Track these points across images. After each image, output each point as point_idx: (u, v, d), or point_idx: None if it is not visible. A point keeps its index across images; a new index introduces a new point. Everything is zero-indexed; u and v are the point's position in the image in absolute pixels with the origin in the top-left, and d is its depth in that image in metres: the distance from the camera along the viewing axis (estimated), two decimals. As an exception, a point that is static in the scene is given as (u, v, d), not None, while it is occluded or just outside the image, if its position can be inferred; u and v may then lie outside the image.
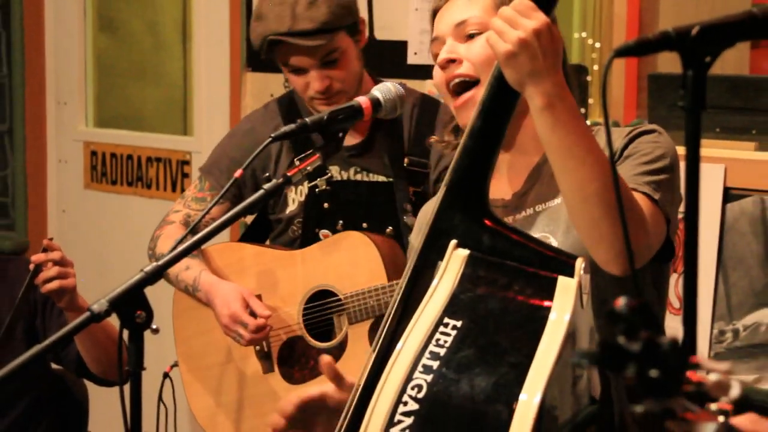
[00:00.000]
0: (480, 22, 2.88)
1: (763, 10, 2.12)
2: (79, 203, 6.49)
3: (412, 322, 2.44)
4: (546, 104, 2.53)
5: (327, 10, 3.76)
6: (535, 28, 2.50)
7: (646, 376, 1.54)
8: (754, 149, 4.32)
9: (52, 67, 6.61)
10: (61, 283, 4.00)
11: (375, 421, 2.33)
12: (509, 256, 2.58)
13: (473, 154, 2.64)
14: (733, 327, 4.06)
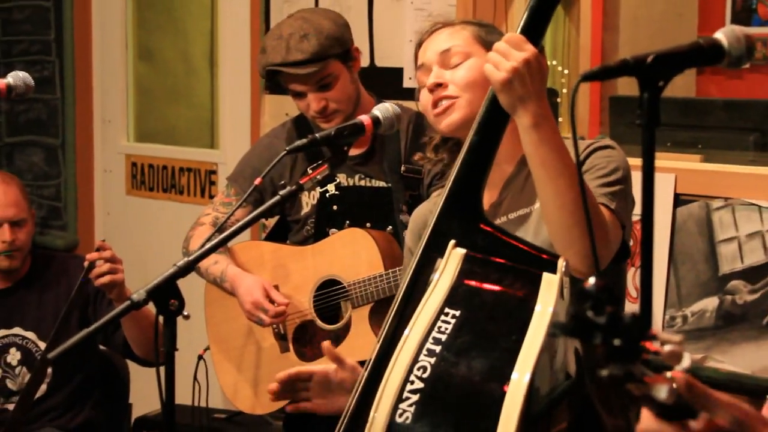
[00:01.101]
0: (462, 51, 2.92)
1: (707, 41, 2.12)
2: (122, 207, 6.48)
3: (417, 311, 2.45)
4: (533, 124, 2.52)
5: (316, 42, 3.78)
6: (525, 59, 2.50)
7: (610, 344, 1.55)
8: (700, 161, 4.31)
9: (99, 90, 6.59)
10: (112, 278, 4.03)
11: (386, 396, 2.34)
12: (500, 255, 2.59)
13: (470, 166, 2.65)
14: (682, 313, 4.05)
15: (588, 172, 2.80)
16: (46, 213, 6.78)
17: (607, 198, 2.73)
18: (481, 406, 2.32)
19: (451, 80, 2.92)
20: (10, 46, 6.99)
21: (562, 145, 2.56)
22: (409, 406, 2.32)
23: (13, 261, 4.49)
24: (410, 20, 4.90)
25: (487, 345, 2.40)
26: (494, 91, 2.58)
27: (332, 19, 3.91)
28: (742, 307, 3.91)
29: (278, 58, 3.81)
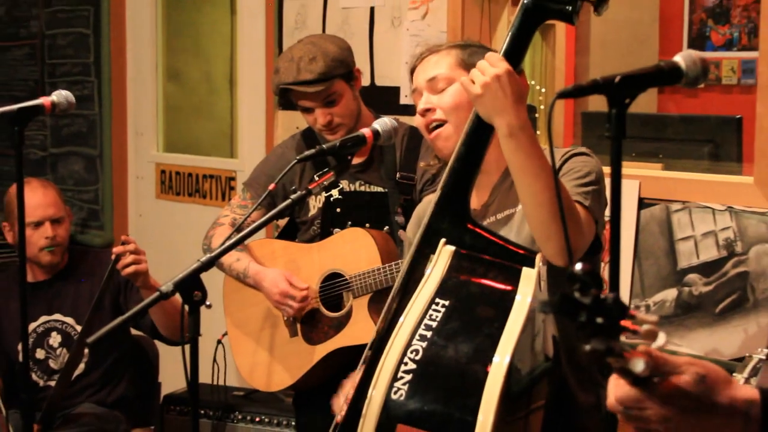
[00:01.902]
0: (446, 77, 2.93)
1: (667, 63, 2.13)
2: (152, 210, 6.47)
3: (411, 301, 2.47)
4: (509, 133, 2.53)
5: (323, 63, 3.79)
6: (496, 74, 2.50)
7: (594, 322, 1.55)
8: (661, 169, 4.31)
9: (132, 107, 6.58)
10: (136, 268, 4.05)
11: (383, 376, 2.36)
12: (485, 252, 2.60)
13: (458, 173, 2.66)
14: (645, 303, 4.05)
15: (565, 175, 2.80)
16: (85, 215, 6.78)
17: (581, 197, 2.73)
18: (466, 384, 2.32)
19: (438, 105, 2.94)
20: (54, 68, 6.99)
21: (538, 152, 2.56)
22: (403, 384, 2.33)
23: (54, 256, 4.52)
24: (406, 45, 4.90)
25: (472, 331, 2.41)
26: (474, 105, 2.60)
27: (337, 44, 3.92)
28: (698, 298, 3.91)
29: (290, 78, 3.82)
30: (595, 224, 2.76)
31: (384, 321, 2.66)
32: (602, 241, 2.85)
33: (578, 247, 2.65)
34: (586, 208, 2.72)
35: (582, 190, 2.75)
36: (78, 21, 6.79)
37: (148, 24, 6.47)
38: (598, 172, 2.82)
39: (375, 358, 2.48)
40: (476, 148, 2.65)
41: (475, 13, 4.70)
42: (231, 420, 4.64)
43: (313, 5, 5.30)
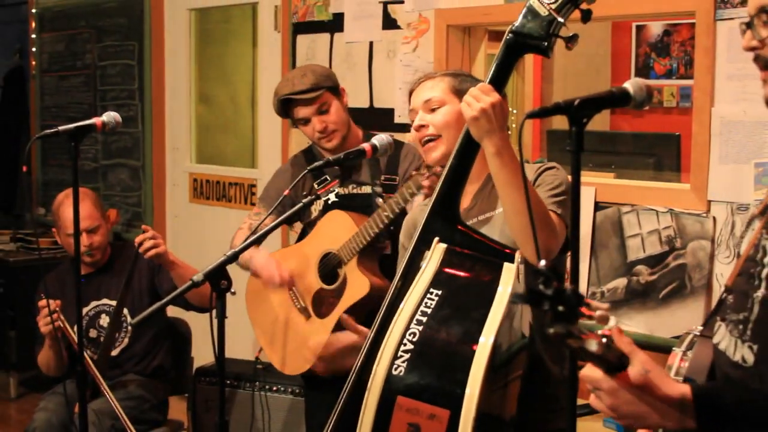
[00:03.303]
0: (439, 99, 2.95)
1: (618, 89, 2.12)
2: (186, 212, 6.46)
3: (409, 292, 2.48)
4: (496, 152, 2.53)
5: (313, 77, 3.85)
6: (492, 102, 2.50)
7: (556, 309, 1.57)
8: (614, 177, 4.30)
9: (169, 126, 6.58)
10: (156, 250, 4.10)
11: (385, 355, 2.36)
12: (473, 249, 2.60)
13: (451, 182, 2.66)
14: (600, 290, 4.04)
15: (540, 186, 2.81)
16: (130, 216, 6.78)
17: (554, 205, 2.75)
18: (457, 361, 2.32)
19: (431, 122, 2.95)
20: (105, 93, 7.00)
21: (518, 168, 2.56)
22: (403, 362, 2.33)
23: (94, 257, 4.52)
24: (399, 73, 4.90)
25: (461, 316, 2.41)
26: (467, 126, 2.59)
27: (322, 68, 4.02)
28: (644, 286, 3.90)
29: (287, 90, 3.86)
30: (566, 228, 2.76)
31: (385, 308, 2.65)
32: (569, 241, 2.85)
33: (553, 247, 2.67)
34: (559, 216, 2.74)
35: (555, 200, 2.77)
36: (125, 54, 6.81)
37: (184, 56, 6.48)
38: (567, 183, 2.83)
39: (378, 340, 2.48)
40: (466, 161, 2.66)
41: (457, 47, 4.69)
42: (252, 389, 4.63)
43: (322, 40, 5.30)
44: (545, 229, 2.55)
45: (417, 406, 2.29)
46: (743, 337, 2.01)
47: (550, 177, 2.83)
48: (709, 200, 3.73)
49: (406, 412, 2.30)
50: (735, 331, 2.04)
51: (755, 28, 1.98)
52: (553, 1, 2.48)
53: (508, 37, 2.55)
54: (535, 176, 2.85)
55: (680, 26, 7.16)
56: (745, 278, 2.04)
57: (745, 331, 2.01)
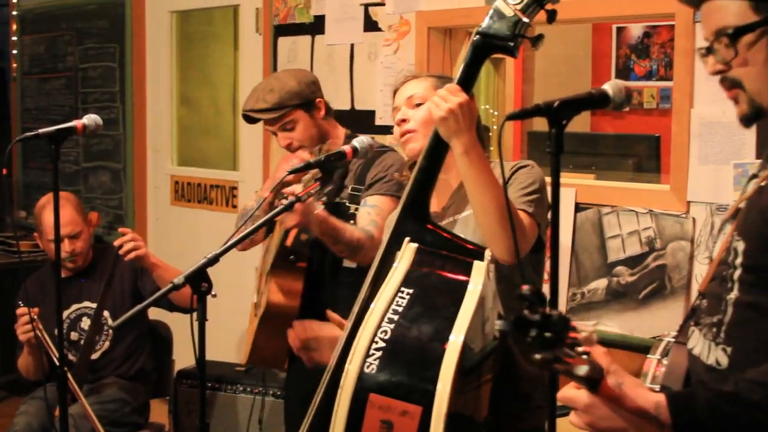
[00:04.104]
0: (422, 96, 2.99)
1: (597, 91, 2.13)
2: (167, 214, 6.45)
3: (381, 290, 2.48)
4: (464, 151, 2.55)
5: (277, 95, 3.70)
6: (459, 103, 2.52)
7: (542, 335, 1.56)
8: (594, 179, 4.31)
9: (151, 128, 6.57)
10: (136, 253, 4.11)
11: (357, 353, 2.36)
12: (443, 248, 2.61)
13: (420, 183, 2.67)
14: (581, 291, 4.04)
15: (512, 185, 2.82)
16: (112, 219, 6.76)
17: (525, 204, 2.76)
18: (427, 359, 2.33)
19: (412, 117, 2.99)
20: (86, 95, 6.98)
21: (487, 167, 2.59)
22: (375, 360, 2.34)
23: (76, 263, 4.51)
24: (380, 76, 4.89)
25: (432, 315, 2.41)
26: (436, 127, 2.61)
27: (297, 79, 3.80)
28: (624, 286, 3.90)
29: (248, 106, 3.78)
30: (537, 227, 2.77)
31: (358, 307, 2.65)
32: (544, 240, 2.85)
33: (523, 247, 2.68)
34: (530, 215, 2.74)
35: (526, 199, 2.77)
36: (106, 56, 6.79)
37: (165, 58, 6.47)
38: (541, 181, 2.83)
39: (351, 338, 2.48)
40: (435, 162, 2.68)
41: (438, 49, 4.69)
42: (233, 391, 4.62)
43: (303, 42, 5.29)
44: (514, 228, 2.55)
45: (389, 403, 2.30)
46: (717, 339, 2.02)
47: (523, 176, 2.84)
48: (689, 201, 3.74)
49: (378, 409, 2.30)
50: (709, 335, 2.05)
51: (717, 52, 1.99)
52: (518, 2, 2.49)
53: (474, 38, 2.57)
54: (509, 174, 2.86)
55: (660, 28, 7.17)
56: (718, 282, 2.05)
57: (719, 334, 2.02)
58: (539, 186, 2.82)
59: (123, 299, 4.50)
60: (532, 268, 2.91)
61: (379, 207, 3.58)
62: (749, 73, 1.97)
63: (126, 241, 4.11)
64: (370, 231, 3.51)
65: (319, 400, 2.73)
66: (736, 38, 1.95)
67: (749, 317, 1.97)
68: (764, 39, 1.94)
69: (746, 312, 1.97)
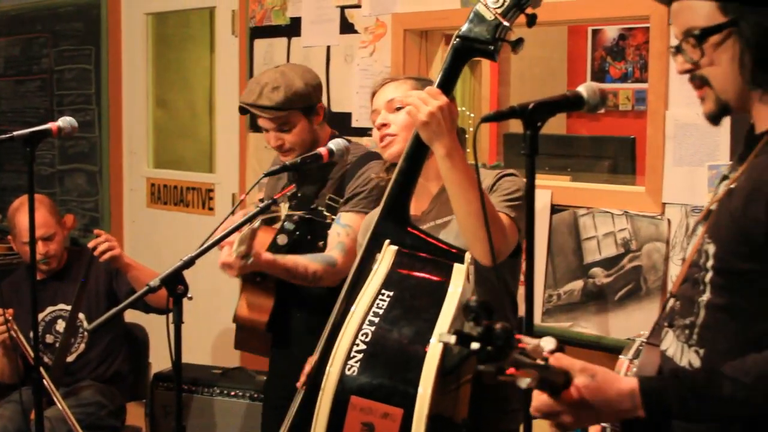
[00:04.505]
0: (402, 100, 2.94)
1: (572, 93, 2.14)
2: (143, 217, 6.42)
3: (361, 293, 2.49)
4: (446, 154, 2.55)
5: (283, 95, 3.56)
6: (440, 105, 2.53)
7: (485, 349, 1.57)
8: (569, 180, 4.31)
9: (127, 130, 6.54)
10: (111, 253, 4.13)
11: (339, 355, 2.37)
12: (423, 251, 2.61)
13: (401, 186, 2.67)
14: (557, 292, 4.04)
15: (496, 192, 2.84)
16: (88, 221, 6.73)
17: (507, 209, 2.77)
18: (408, 361, 2.33)
19: (393, 122, 2.99)
20: (62, 98, 6.94)
21: (468, 169, 2.59)
22: (356, 362, 2.33)
23: (50, 265, 4.51)
24: (357, 78, 4.89)
25: (413, 317, 2.41)
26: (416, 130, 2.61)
27: (305, 81, 3.66)
28: (600, 288, 3.91)
29: (251, 99, 3.61)
30: (518, 231, 2.78)
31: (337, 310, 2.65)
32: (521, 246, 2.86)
33: (502, 249, 2.68)
34: (512, 219, 2.76)
35: (509, 204, 2.79)
36: (81, 58, 6.76)
37: (141, 61, 6.44)
38: (524, 189, 2.84)
39: (331, 341, 2.48)
40: (415, 165, 2.68)
41: (414, 51, 4.69)
42: (210, 394, 4.61)
43: (279, 44, 5.28)
44: (494, 232, 2.56)
45: (370, 405, 2.30)
46: (689, 341, 2.04)
47: (507, 183, 2.86)
48: (664, 202, 3.75)
49: (359, 411, 2.30)
50: (682, 336, 2.07)
51: (685, 52, 2.02)
52: (499, 5, 2.50)
53: (455, 41, 2.58)
54: (493, 182, 2.88)
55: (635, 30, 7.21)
56: (690, 284, 2.07)
57: (692, 336, 2.04)
58: (521, 193, 2.83)
59: (98, 301, 4.49)
60: (509, 272, 2.92)
61: (352, 227, 3.51)
62: (715, 72, 2.00)
63: (100, 242, 4.10)
64: (331, 259, 3.45)
65: (298, 402, 2.73)
66: (703, 39, 1.98)
67: (721, 319, 1.98)
68: (730, 40, 1.97)
69: (718, 314, 1.99)
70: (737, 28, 1.96)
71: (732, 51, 1.97)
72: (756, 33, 1.94)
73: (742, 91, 2.00)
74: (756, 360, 1.85)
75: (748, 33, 1.94)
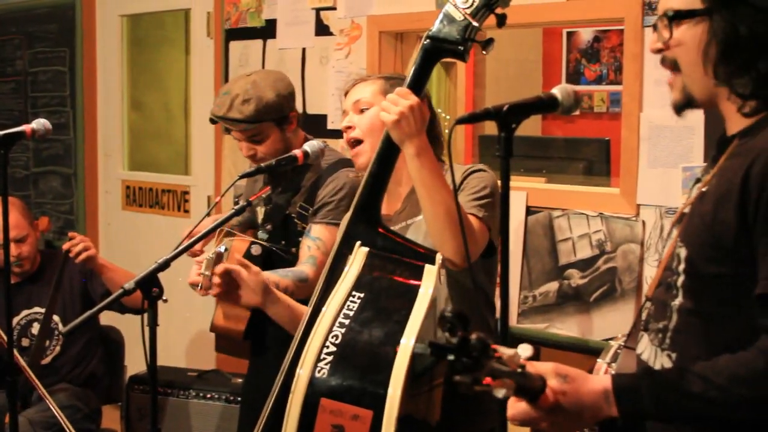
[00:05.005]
0: (368, 101, 2.98)
1: (546, 95, 2.14)
2: (118, 219, 6.40)
3: (332, 294, 2.47)
4: (415, 154, 2.55)
5: (254, 108, 3.49)
6: (410, 105, 2.53)
7: (461, 360, 1.58)
8: (545, 182, 4.33)
9: (102, 132, 6.52)
10: (86, 253, 4.12)
11: (309, 357, 2.35)
12: (394, 252, 2.60)
13: (371, 187, 2.67)
14: (532, 294, 4.05)
15: (464, 191, 2.82)
16: (62, 224, 6.70)
17: (476, 209, 2.75)
18: (378, 363, 2.33)
19: (357, 124, 2.98)
20: (36, 100, 6.91)
21: (438, 170, 2.60)
22: (326, 364, 2.34)
23: (23, 267, 4.49)
24: (332, 80, 4.89)
25: (383, 318, 2.41)
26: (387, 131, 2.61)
27: (277, 91, 3.58)
28: (575, 289, 3.92)
29: (221, 112, 3.54)
30: (488, 231, 2.77)
31: (310, 311, 2.65)
32: (497, 245, 2.85)
33: (473, 251, 2.67)
34: (480, 219, 2.74)
35: (477, 204, 2.77)
36: (56, 60, 6.73)
37: (116, 63, 6.42)
38: (493, 186, 2.83)
39: (302, 343, 2.48)
40: (386, 166, 2.67)
41: (390, 52, 4.69)
42: (185, 397, 4.60)
43: (254, 46, 5.28)
44: None
45: (340, 407, 2.30)
46: (662, 345, 2.05)
47: (475, 180, 2.84)
48: (639, 204, 3.76)
49: (330, 413, 2.30)
50: (655, 340, 2.08)
51: (659, 30, 2.05)
52: (468, 6, 2.50)
53: (425, 42, 2.58)
54: (462, 178, 2.86)
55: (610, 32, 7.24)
56: (664, 287, 2.07)
57: (665, 340, 2.05)
58: (491, 190, 2.82)
59: (73, 303, 4.47)
60: (485, 272, 2.91)
61: (322, 240, 3.49)
62: (682, 54, 2.02)
63: (75, 244, 4.09)
64: (302, 274, 3.42)
65: (270, 405, 2.72)
66: (675, 21, 2.01)
67: (692, 323, 1.99)
68: (700, 27, 1.99)
69: (690, 318, 2.00)
70: (710, 19, 1.97)
71: (699, 39, 1.99)
72: (725, 30, 1.96)
73: (706, 83, 2.01)
74: (728, 361, 1.85)
75: (719, 27, 1.96)
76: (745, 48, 1.95)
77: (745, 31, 1.95)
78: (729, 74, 1.97)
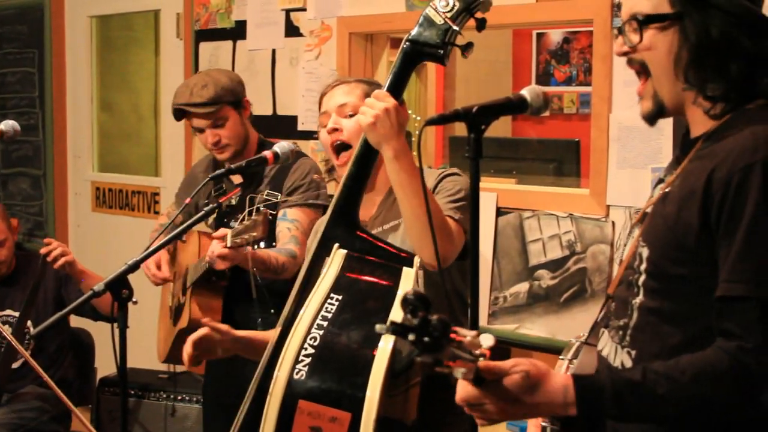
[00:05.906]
0: (354, 105, 2.95)
1: (515, 96, 2.15)
2: (88, 221, 6.38)
3: (310, 297, 2.48)
4: (394, 156, 2.55)
5: (213, 90, 3.71)
6: (386, 108, 2.53)
7: (421, 340, 1.56)
8: (515, 183, 4.34)
9: (71, 134, 6.49)
10: (65, 258, 4.06)
11: (286, 359, 2.35)
12: (372, 254, 2.61)
13: (350, 190, 2.67)
14: (503, 294, 4.06)
15: (439, 193, 2.83)
16: (32, 226, 6.68)
17: (452, 211, 2.77)
18: (357, 365, 2.33)
19: (345, 127, 2.96)
20: (4, 101, 6.88)
21: (416, 173, 2.59)
22: (304, 366, 2.33)
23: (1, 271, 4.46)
24: (302, 81, 4.88)
25: (362, 321, 2.41)
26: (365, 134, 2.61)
27: (229, 77, 3.85)
28: (546, 290, 3.93)
29: (183, 100, 3.76)
30: (465, 233, 2.78)
31: (286, 314, 2.65)
32: (470, 247, 2.87)
33: (449, 253, 2.68)
34: (457, 221, 2.75)
35: (453, 206, 2.78)
36: (25, 62, 6.70)
37: (85, 64, 6.40)
38: (467, 189, 2.84)
39: (279, 344, 2.48)
40: (364, 169, 2.68)
41: (360, 54, 4.69)
42: (156, 399, 4.59)
43: (224, 47, 5.27)
44: (441, 235, 2.56)
45: (318, 409, 2.30)
46: (623, 342, 2.07)
47: (450, 183, 2.85)
48: (608, 205, 3.77)
49: (307, 415, 2.30)
50: (616, 337, 2.10)
51: (626, 34, 2.05)
52: (448, 9, 2.51)
53: (404, 45, 2.58)
54: (435, 182, 2.87)
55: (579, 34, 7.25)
56: (625, 285, 2.09)
57: (625, 337, 2.06)
58: (466, 193, 2.83)
59: (46, 308, 4.45)
60: (460, 274, 2.92)
61: (299, 221, 3.64)
62: (654, 59, 2.03)
63: (52, 249, 4.06)
64: (292, 250, 3.55)
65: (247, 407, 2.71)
66: (645, 25, 2.01)
67: (652, 322, 2.01)
68: (671, 30, 2.00)
69: (649, 317, 2.01)
70: (681, 23, 1.98)
71: (671, 43, 2.00)
72: (698, 33, 1.96)
73: (676, 88, 2.02)
74: (691, 360, 1.86)
75: (691, 31, 1.97)
76: (716, 51, 1.96)
77: (717, 35, 1.95)
78: (700, 78, 1.98)
